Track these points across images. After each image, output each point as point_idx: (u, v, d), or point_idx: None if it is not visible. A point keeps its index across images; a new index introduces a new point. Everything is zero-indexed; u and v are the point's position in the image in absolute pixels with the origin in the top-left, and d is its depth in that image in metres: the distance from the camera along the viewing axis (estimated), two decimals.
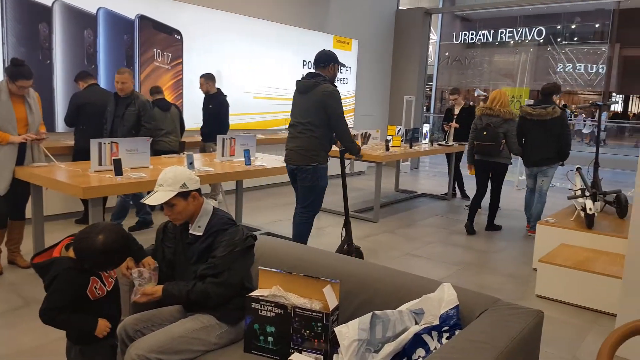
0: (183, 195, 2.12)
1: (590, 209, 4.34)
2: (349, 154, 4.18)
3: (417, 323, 1.90)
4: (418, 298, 1.98)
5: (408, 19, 11.03)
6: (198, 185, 2.19)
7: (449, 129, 7.71)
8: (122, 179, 3.56)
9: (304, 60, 8.90)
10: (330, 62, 4.02)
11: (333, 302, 1.94)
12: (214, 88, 6.14)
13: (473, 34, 20.42)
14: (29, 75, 3.71)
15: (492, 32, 19.80)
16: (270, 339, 1.97)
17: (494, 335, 1.64)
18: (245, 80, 7.88)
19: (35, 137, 3.83)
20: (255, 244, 2.25)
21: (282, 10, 8.42)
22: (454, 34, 21.07)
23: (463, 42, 20.83)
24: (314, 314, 1.89)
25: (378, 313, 1.87)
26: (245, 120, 7.91)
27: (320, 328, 1.89)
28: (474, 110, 7.09)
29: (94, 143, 3.80)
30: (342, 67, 4.16)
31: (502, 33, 19.59)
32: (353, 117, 10.15)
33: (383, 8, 10.82)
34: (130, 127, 4.85)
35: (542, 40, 18.99)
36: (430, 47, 17.43)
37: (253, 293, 2.03)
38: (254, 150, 5.02)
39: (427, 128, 7.96)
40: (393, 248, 5.10)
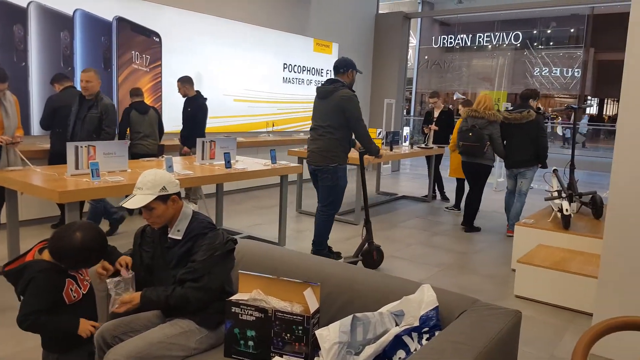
0: (162, 199, 2.09)
1: (567, 210, 4.43)
2: (369, 155, 4.40)
3: (397, 325, 1.91)
4: (398, 300, 1.99)
5: (388, 23, 11.11)
6: (178, 189, 2.17)
7: (429, 132, 7.77)
8: (99, 183, 3.50)
9: (285, 63, 8.90)
10: (349, 68, 4.23)
11: (314, 305, 1.94)
12: (193, 91, 6.08)
13: (452, 38, 20.70)
14: (4, 78, 3.64)
15: (470, 36, 20.10)
16: (251, 343, 1.96)
17: (473, 336, 1.65)
18: (226, 83, 7.84)
19: (11, 140, 3.75)
20: (236, 248, 2.24)
21: (262, 13, 8.41)
22: (433, 38, 21.32)
23: (442, 46, 21.10)
24: (295, 317, 1.89)
25: (359, 315, 1.88)
26: (226, 123, 7.87)
27: (301, 331, 1.89)
28: (453, 113, 7.21)
29: (71, 146, 3.73)
30: (359, 73, 4.37)
31: (480, 37, 19.90)
32: None
33: (363, 12, 10.89)
34: (92, 130, 4.64)
35: (519, 45, 19.35)
36: (410, 50, 17.58)
37: (233, 297, 2.02)
38: (235, 153, 4.99)
39: (407, 131, 8.02)
40: None
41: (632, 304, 2.86)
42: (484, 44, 20.01)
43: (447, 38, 20.83)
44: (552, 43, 19.60)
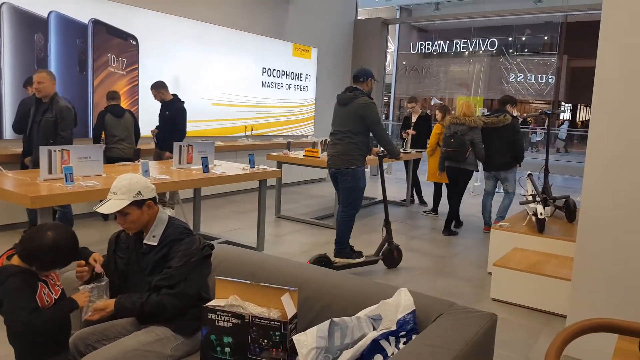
0: (137, 204, 2.06)
1: (541, 214, 4.51)
2: (390, 157, 4.62)
3: (375, 329, 1.92)
4: (376, 304, 1.99)
5: (366, 29, 11.19)
6: (154, 194, 2.14)
7: (407, 137, 7.83)
8: (73, 188, 3.43)
9: (264, 67, 8.88)
10: (368, 77, 4.44)
11: (291, 310, 1.93)
12: (169, 95, 6.01)
13: (429, 44, 20.94)
14: None
15: (447, 42, 20.36)
16: (228, 350, 1.94)
17: (449, 339, 1.67)
18: (204, 87, 7.78)
19: None
20: (213, 253, 2.22)
21: (240, 17, 8.38)
22: (411, 44, 21.54)
23: (420, 52, 21.32)
24: (272, 323, 1.88)
25: (336, 320, 1.87)
26: (204, 127, 7.80)
27: (279, 337, 1.87)
28: (431, 118, 7.33)
29: (44, 150, 3.65)
30: (375, 81, 4.61)
31: (457, 44, 20.17)
32: (313, 124, 10.20)
33: (342, 17, 10.95)
34: (47, 135, 4.40)
35: (494, 51, 19.67)
36: (389, 56, 17.74)
37: (210, 303, 2.00)
38: (212, 158, 4.95)
39: None
40: None
41: (604, 306, 2.92)
42: (461, 51, 20.29)
43: (424, 44, 21.07)
44: (527, 50, 19.98)
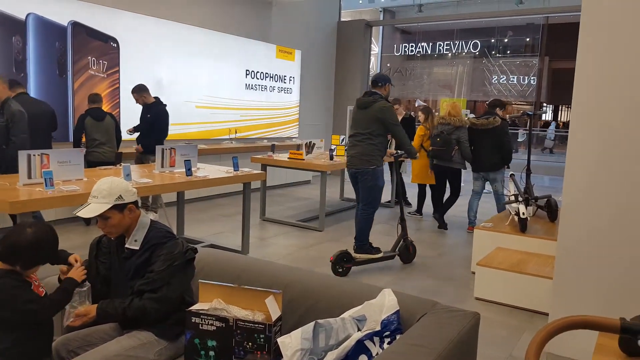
0: (118, 208, 2.04)
1: (523, 214, 4.56)
2: (408, 156, 4.90)
3: (359, 330, 1.92)
4: (361, 305, 2.00)
5: (350, 31, 11.23)
6: (135, 198, 2.12)
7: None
8: (53, 193, 3.38)
9: (247, 70, 8.86)
10: (386, 82, 4.71)
11: (275, 312, 1.92)
12: (151, 98, 5.96)
13: (413, 46, 21.06)
14: None
15: (430, 44, 20.50)
16: (212, 354, 1.93)
17: (433, 338, 1.68)
18: (187, 89, 7.74)
19: None
20: (196, 257, 2.20)
21: (223, 19, 8.36)
22: (395, 46, 21.65)
23: (403, 54, 21.44)
24: (257, 326, 1.87)
25: (321, 321, 1.87)
26: (187, 130, 7.76)
27: (263, 339, 1.87)
28: (414, 120, 7.42)
29: (23, 155, 3.59)
30: (392, 86, 4.86)
31: (440, 46, 20.32)
32: (297, 126, 10.20)
33: (325, 19, 10.98)
34: (1, 141, 4.27)
35: (477, 53, 19.85)
36: (372, 58, 17.81)
37: (193, 307, 1.98)
38: (196, 161, 4.92)
39: None
40: None
41: (585, 303, 2.96)
42: (444, 52, 20.45)
43: (408, 46, 21.19)
44: (509, 52, 20.20)
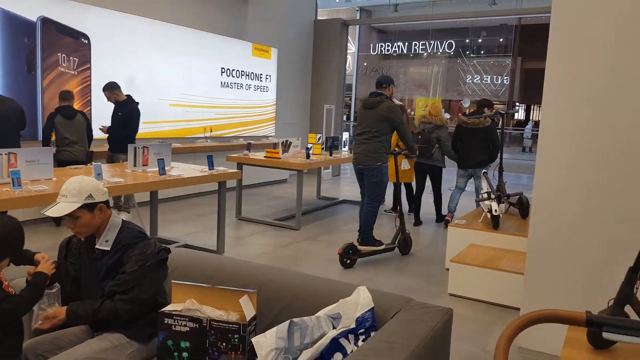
0: (88, 207, 2.00)
1: (496, 211, 4.65)
2: (410, 152, 5.16)
3: (334, 327, 1.92)
4: (336, 303, 2.00)
5: (326, 30, 11.24)
6: (106, 197, 2.08)
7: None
8: (21, 193, 3.29)
9: (223, 68, 8.78)
10: (389, 83, 4.96)
11: (250, 312, 1.91)
12: (123, 95, 5.86)
13: (389, 46, 21.20)
14: None
15: (406, 44, 20.67)
16: (185, 355, 1.90)
17: (407, 335, 1.69)
18: (160, 87, 7.63)
19: None
20: (169, 257, 2.17)
21: (198, 17, 8.26)
22: (371, 45, 21.76)
23: (380, 53, 21.56)
24: (231, 326, 1.85)
25: (296, 320, 1.87)
26: (161, 128, 7.65)
27: (237, 339, 1.85)
28: None
29: None
30: (395, 86, 5.12)
31: (415, 45, 20.51)
32: (274, 125, 10.16)
33: (302, 18, 10.96)
34: None
35: (452, 53, 20.10)
36: (349, 57, 17.85)
37: (166, 308, 1.95)
38: (169, 160, 4.86)
39: (346, 136, 8.13)
40: (315, 254, 5.13)
41: (556, 298, 3.02)
42: (420, 52, 20.64)
43: (384, 45, 21.32)
44: (483, 52, 20.50)
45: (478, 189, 6.25)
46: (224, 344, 1.86)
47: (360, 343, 1.82)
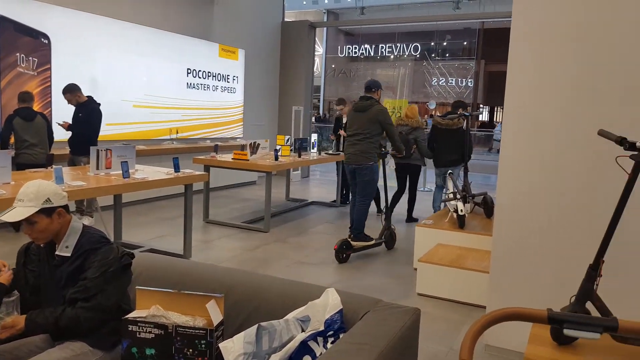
0: (46, 212, 1.93)
1: (461, 211, 4.73)
2: (397, 152, 5.40)
3: (303, 330, 1.91)
4: (304, 305, 1.99)
5: (294, 31, 11.23)
6: (65, 202, 2.01)
7: (334, 139, 7.96)
8: None
9: (189, 68, 8.66)
10: (378, 88, 5.22)
11: (217, 317, 1.88)
12: (84, 97, 5.71)
13: (356, 48, 21.37)
14: None
15: (373, 47, 20.88)
16: None
17: (375, 336, 1.69)
18: (124, 88, 7.46)
19: None
20: (133, 262, 2.12)
21: (163, 17, 8.13)
22: (339, 48, 21.89)
23: (347, 55, 21.71)
24: (197, 332, 1.82)
25: (264, 324, 1.85)
26: (124, 130, 7.47)
27: (204, 345, 1.82)
28: None
29: None
30: (381, 90, 5.34)
31: (382, 48, 20.74)
32: (242, 126, 10.08)
33: (269, 19, 10.91)
34: None
35: (418, 56, 20.41)
36: (317, 59, 17.89)
37: (130, 315, 1.91)
38: (134, 162, 4.75)
39: (315, 137, 8.14)
40: (284, 257, 5.11)
41: (520, 296, 3.10)
42: (386, 55, 20.88)
43: (352, 48, 21.49)
44: (447, 55, 20.89)
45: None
46: (191, 350, 1.83)
47: (329, 345, 1.82)
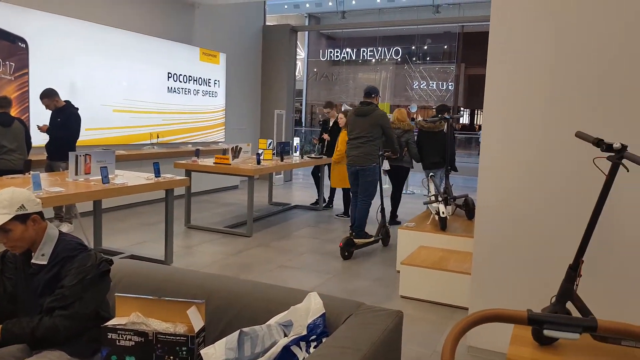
0: (21, 219, 1.89)
1: (443, 213, 4.76)
2: (392, 153, 5.66)
3: (286, 335, 1.90)
4: (287, 310, 1.97)
5: (275, 35, 11.22)
6: (39, 208, 1.97)
7: (317, 142, 7.96)
8: None
9: (169, 73, 8.58)
10: (377, 94, 5.59)
11: (198, 323, 1.86)
12: (62, 101, 5.62)
13: (338, 52, 21.43)
14: None
15: (355, 50, 20.97)
16: None
17: (358, 339, 1.69)
18: (103, 93, 7.36)
19: None
20: (112, 269, 2.08)
21: (143, 21, 8.05)
22: (321, 51, 21.93)
23: (329, 59, 21.76)
24: (178, 338, 1.79)
25: (246, 330, 1.83)
26: (104, 135, 7.37)
27: (186, 352, 1.80)
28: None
29: None
30: (379, 96, 5.70)
31: (364, 52, 20.83)
32: (223, 130, 10.02)
33: (250, 23, 10.89)
34: None
35: (399, 59, 20.55)
36: (299, 63, 17.89)
37: (109, 322, 1.87)
38: (113, 167, 4.68)
39: (297, 141, 8.13)
40: (267, 261, 5.08)
41: (502, 297, 3.12)
42: (368, 58, 20.98)
43: (333, 52, 21.54)
44: (428, 58, 21.06)
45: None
46: (172, 357, 1.80)
47: (312, 350, 1.81)
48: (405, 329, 2.03)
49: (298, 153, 7.94)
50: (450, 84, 20.37)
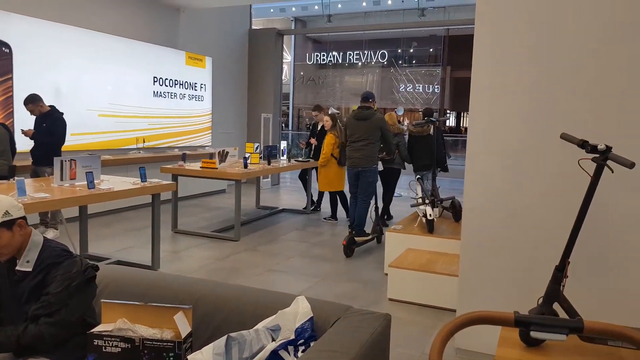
0: (7, 225, 1.86)
1: (430, 215, 4.79)
2: (387, 154, 6.10)
3: (274, 340, 1.89)
4: (275, 314, 1.97)
5: (261, 39, 11.22)
6: (23, 213, 1.95)
7: (305, 146, 7.96)
8: None
9: (155, 77, 8.53)
10: (374, 98, 5.93)
11: (185, 329, 1.84)
12: (46, 107, 5.56)
13: (324, 55, 21.49)
14: None
15: (341, 54, 21.04)
16: None
17: (346, 343, 1.69)
18: (89, 97, 7.29)
19: None
20: (98, 275, 2.06)
21: (128, 25, 7.99)
22: (307, 55, 21.97)
23: (316, 62, 21.81)
24: (165, 344, 1.78)
25: (233, 335, 1.82)
26: (89, 140, 7.30)
27: (173, 358, 1.78)
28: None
29: None
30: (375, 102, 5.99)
31: (350, 55, 20.92)
32: (210, 135, 9.98)
33: (236, 27, 10.87)
34: None
35: (385, 63, 20.66)
36: (285, 66, 17.90)
37: (96, 329, 1.85)
38: (99, 173, 4.64)
39: (284, 145, 8.13)
40: (255, 265, 5.06)
41: (489, 299, 3.14)
42: (354, 62, 21.06)
43: (320, 55, 21.60)
44: (414, 61, 21.21)
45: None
46: None
47: (300, 354, 1.80)
48: (394, 332, 2.04)
49: (285, 156, 7.93)
50: (436, 87, 20.51)
